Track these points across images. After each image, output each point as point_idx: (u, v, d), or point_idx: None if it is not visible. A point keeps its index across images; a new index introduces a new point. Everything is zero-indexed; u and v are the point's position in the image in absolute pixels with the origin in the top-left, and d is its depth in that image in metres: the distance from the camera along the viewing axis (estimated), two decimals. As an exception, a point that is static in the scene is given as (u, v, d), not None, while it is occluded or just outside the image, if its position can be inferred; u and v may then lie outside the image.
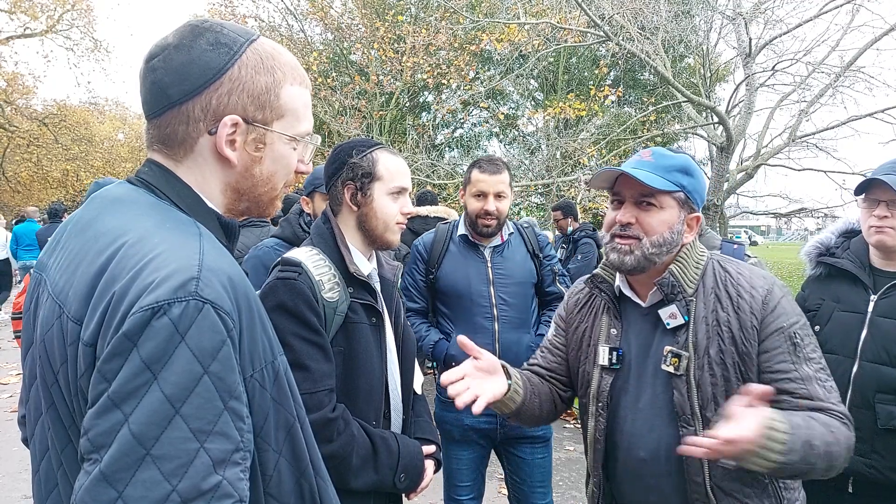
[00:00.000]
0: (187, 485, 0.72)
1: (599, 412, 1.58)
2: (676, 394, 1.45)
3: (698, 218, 1.53)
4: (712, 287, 1.49)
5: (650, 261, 1.48)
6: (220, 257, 0.85)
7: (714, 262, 1.54)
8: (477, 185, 2.50)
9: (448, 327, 2.55)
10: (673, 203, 1.48)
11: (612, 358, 1.56)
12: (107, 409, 0.73)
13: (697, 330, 1.45)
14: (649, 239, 1.47)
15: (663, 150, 1.55)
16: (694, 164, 1.53)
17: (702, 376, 1.43)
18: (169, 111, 0.92)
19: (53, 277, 0.90)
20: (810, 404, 1.36)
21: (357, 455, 1.54)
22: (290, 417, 0.93)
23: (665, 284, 1.48)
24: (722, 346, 1.43)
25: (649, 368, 1.52)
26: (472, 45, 12.61)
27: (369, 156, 1.70)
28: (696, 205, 1.52)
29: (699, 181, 1.53)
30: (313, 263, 1.61)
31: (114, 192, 0.94)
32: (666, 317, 1.50)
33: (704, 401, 1.43)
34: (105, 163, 23.69)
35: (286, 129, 0.98)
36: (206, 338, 0.76)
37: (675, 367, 1.45)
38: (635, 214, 1.49)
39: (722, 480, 1.42)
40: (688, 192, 1.49)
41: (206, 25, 0.94)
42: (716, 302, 1.47)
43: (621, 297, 1.61)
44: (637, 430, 1.52)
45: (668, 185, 1.46)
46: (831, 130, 9.57)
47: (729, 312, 1.44)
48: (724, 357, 1.42)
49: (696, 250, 1.55)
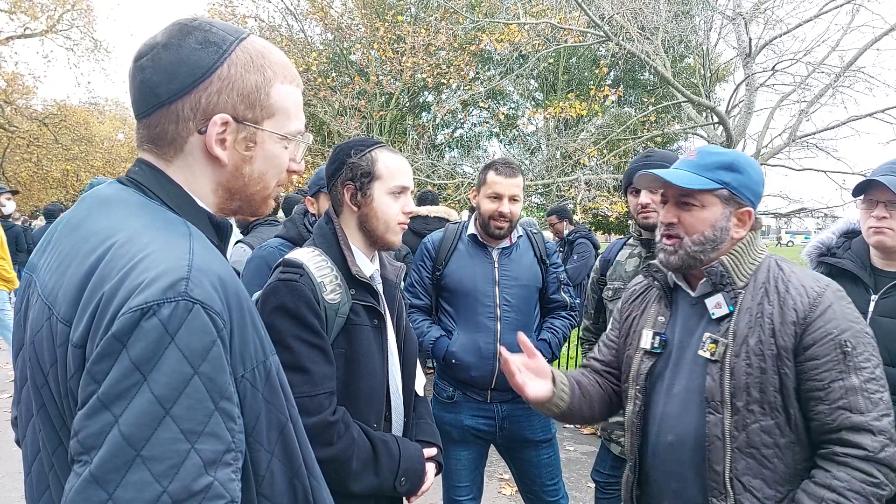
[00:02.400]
0: (178, 486, 0.72)
1: (637, 395, 1.62)
2: (709, 379, 1.46)
3: (750, 212, 1.53)
4: (763, 282, 1.49)
5: (694, 258, 1.51)
6: (209, 257, 0.84)
7: (771, 261, 1.54)
8: (492, 187, 2.50)
9: (451, 325, 2.55)
10: (715, 201, 1.50)
11: (655, 342, 1.60)
12: (96, 410, 0.72)
13: (740, 319, 1.46)
14: (690, 238, 1.51)
15: (711, 148, 1.57)
16: (743, 159, 1.53)
17: (737, 364, 1.43)
18: (158, 110, 0.91)
19: (43, 278, 0.90)
20: (844, 418, 1.35)
21: (357, 459, 1.52)
22: (283, 417, 0.92)
23: (714, 273, 1.50)
24: (762, 336, 1.43)
25: (688, 355, 1.54)
26: (471, 45, 12.62)
27: (368, 155, 1.68)
28: (746, 199, 1.52)
29: (748, 176, 1.52)
30: (315, 265, 1.59)
31: (104, 192, 0.93)
32: (712, 306, 1.52)
33: (736, 389, 1.42)
34: (105, 163, 23.69)
35: (277, 128, 0.97)
36: (196, 338, 0.75)
37: (712, 352, 1.46)
38: (677, 214, 1.53)
39: (743, 474, 1.41)
40: (732, 188, 1.49)
41: (195, 24, 0.94)
42: (763, 296, 1.47)
43: (675, 287, 1.64)
44: (668, 415, 1.55)
45: (708, 183, 1.48)
46: (831, 130, 9.55)
47: (774, 306, 1.44)
48: (763, 348, 1.42)
49: (755, 247, 1.55)
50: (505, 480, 4.15)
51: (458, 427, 2.54)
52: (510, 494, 3.97)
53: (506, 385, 2.47)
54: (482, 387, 2.50)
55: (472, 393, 2.53)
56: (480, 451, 2.62)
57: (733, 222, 1.52)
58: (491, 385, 2.49)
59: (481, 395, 2.52)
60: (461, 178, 11.29)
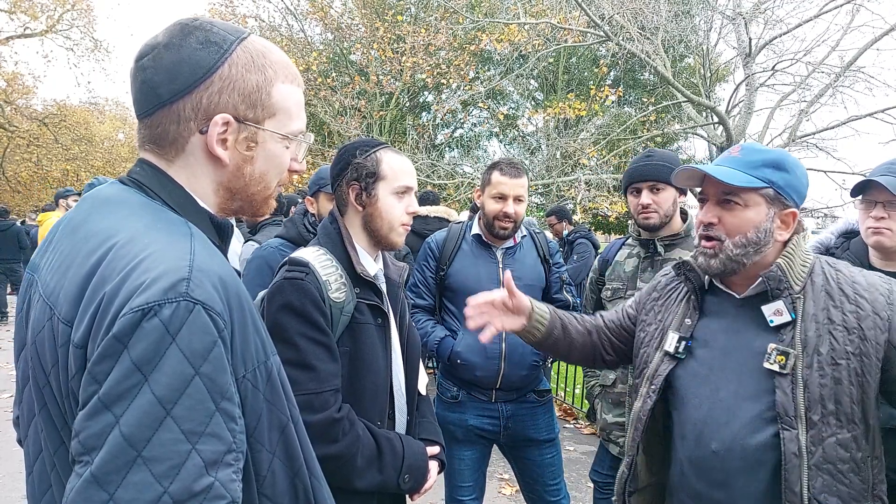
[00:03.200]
0: (179, 486, 0.72)
1: (650, 394, 1.55)
2: (780, 393, 1.36)
3: (794, 214, 1.44)
4: (822, 285, 1.41)
5: (737, 262, 1.43)
6: (211, 258, 0.84)
7: (823, 262, 1.47)
8: (497, 188, 2.49)
9: (454, 325, 2.55)
10: (760, 200, 1.41)
11: (680, 347, 1.53)
12: (97, 410, 0.72)
13: (807, 328, 1.38)
14: (731, 240, 1.42)
15: (755, 145, 1.48)
16: (790, 158, 1.45)
17: (810, 376, 1.35)
18: (159, 110, 0.91)
19: (45, 279, 0.89)
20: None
21: (362, 455, 1.53)
22: (284, 417, 0.92)
23: (772, 278, 1.41)
24: (834, 344, 1.35)
25: (737, 361, 1.45)
26: (471, 45, 12.62)
27: (373, 156, 1.69)
28: (791, 200, 1.44)
29: (794, 175, 1.44)
30: (320, 263, 1.61)
31: (105, 192, 0.93)
32: (770, 313, 1.42)
33: (811, 402, 1.34)
34: (105, 163, 23.68)
35: (278, 128, 0.97)
36: (197, 339, 0.75)
37: (782, 365, 1.37)
38: (718, 214, 1.45)
39: (820, 492, 1.33)
40: (778, 187, 1.41)
41: (196, 24, 0.93)
42: (827, 300, 1.39)
43: (710, 288, 1.56)
44: (712, 422, 1.44)
45: (753, 181, 1.40)
46: (831, 130, 9.56)
47: (845, 311, 1.37)
48: (836, 357, 1.34)
49: (803, 249, 1.47)
50: (505, 480, 4.15)
51: (462, 427, 2.54)
52: (510, 494, 3.97)
53: (510, 385, 2.50)
54: (487, 387, 2.50)
55: (476, 393, 2.53)
56: (484, 451, 2.62)
57: (777, 224, 1.43)
58: (496, 385, 2.49)
59: (486, 395, 2.52)
60: (461, 178, 11.30)
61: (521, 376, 2.49)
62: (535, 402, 2.57)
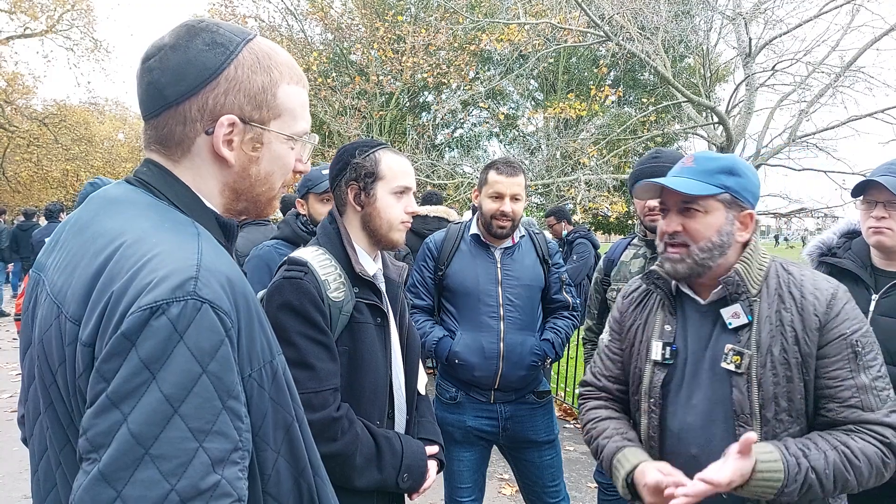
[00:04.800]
0: (186, 484, 0.72)
1: (652, 409, 1.58)
2: (736, 392, 1.45)
3: (752, 215, 1.53)
4: (776, 288, 1.49)
5: (703, 266, 1.50)
6: (218, 257, 0.85)
7: (777, 265, 1.54)
8: (494, 187, 2.50)
9: (453, 325, 2.55)
10: (718, 205, 1.49)
11: (666, 353, 1.57)
12: (105, 408, 0.72)
13: (761, 329, 1.46)
14: (697, 245, 1.49)
15: (706, 154, 1.56)
16: (741, 163, 1.53)
17: (764, 374, 1.43)
18: (166, 111, 0.92)
19: (52, 277, 0.90)
20: (856, 416, 1.38)
21: (361, 454, 1.54)
22: (289, 417, 0.93)
23: (730, 283, 1.49)
24: (785, 345, 1.43)
25: (705, 365, 1.52)
26: (471, 45, 12.63)
27: (372, 156, 1.70)
28: (747, 202, 1.52)
29: (747, 178, 1.52)
30: (319, 263, 1.61)
31: (112, 192, 0.94)
32: (728, 316, 1.50)
33: (765, 400, 1.43)
34: (105, 163, 23.71)
35: (283, 129, 0.98)
36: (205, 337, 0.76)
37: (737, 364, 1.45)
38: (681, 222, 1.51)
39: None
40: (733, 192, 1.49)
41: (203, 25, 0.94)
42: (779, 303, 1.47)
43: (678, 295, 1.62)
44: (690, 426, 1.52)
45: (710, 188, 1.48)
46: (831, 130, 9.54)
47: (793, 313, 1.45)
48: (788, 357, 1.42)
49: (759, 252, 1.55)
50: (505, 480, 4.16)
51: (461, 428, 2.54)
52: (510, 494, 3.97)
53: (509, 385, 2.50)
54: (486, 387, 2.50)
55: (475, 393, 2.53)
56: (483, 451, 2.62)
57: (737, 226, 1.51)
58: (494, 385, 2.49)
59: (485, 396, 2.52)
60: (461, 178, 11.30)
61: (519, 376, 2.49)
62: (534, 403, 2.57)
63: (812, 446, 1.37)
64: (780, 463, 1.34)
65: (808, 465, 1.34)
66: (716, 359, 1.50)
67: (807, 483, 1.34)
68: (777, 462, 1.34)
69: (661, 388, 1.57)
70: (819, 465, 1.34)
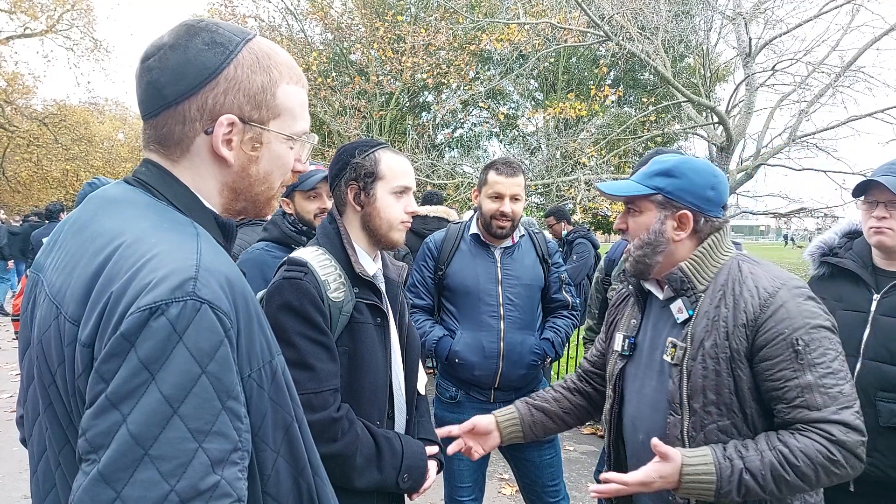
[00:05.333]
0: (186, 484, 0.72)
1: (611, 394, 1.70)
2: (671, 382, 1.51)
3: (687, 215, 1.54)
4: (722, 285, 1.51)
5: (640, 262, 1.58)
6: (217, 258, 0.85)
7: (735, 262, 1.54)
8: (494, 187, 2.50)
9: (453, 325, 2.55)
10: (650, 206, 1.56)
11: (625, 345, 1.68)
12: (105, 409, 0.72)
13: (698, 323, 1.50)
14: (633, 243, 1.60)
15: (660, 158, 1.61)
16: (685, 165, 1.55)
17: (693, 367, 1.47)
18: (165, 111, 0.92)
19: (50, 278, 0.90)
20: (803, 415, 1.36)
21: (361, 455, 1.54)
22: (288, 417, 0.93)
23: (673, 280, 1.55)
24: (717, 340, 1.46)
25: (656, 358, 1.59)
26: (471, 45, 12.61)
27: (372, 155, 1.70)
28: (685, 203, 1.53)
29: (688, 179, 1.54)
30: (319, 263, 1.61)
31: (111, 192, 0.94)
32: (675, 311, 1.56)
33: (693, 391, 1.47)
34: (105, 163, 23.70)
35: (283, 129, 0.98)
36: (204, 338, 0.76)
37: (672, 356, 1.51)
38: (625, 220, 1.63)
39: None
40: (666, 193, 1.54)
41: (202, 25, 0.94)
42: (721, 298, 1.49)
43: (649, 293, 1.68)
44: (640, 414, 1.61)
45: (641, 188, 1.56)
46: (831, 130, 9.54)
47: (729, 308, 1.47)
48: (718, 351, 1.45)
49: (720, 250, 1.56)
50: (505, 480, 4.16)
51: None
52: (510, 494, 3.97)
53: (509, 385, 2.50)
54: (486, 386, 2.51)
55: (475, 393, 2.53)
56: None
57: (671, 225, 1.54)
58: (494, 384, 2.49)
59: (484, 395, 2.52)
60: (461, 178, 11.29)
61: (519, 375, 2.49)
62: None
63: (751, 447, 1.38)
64: (711, 466, 1.36)
65: (743, 467, 1.35)
66: (663, 351, 1.56)
67: (743, 485, 1.34)
68: (708, 465, 1.36)
69: (620, 378, 1.68)
70: (754, 466, 1.35)
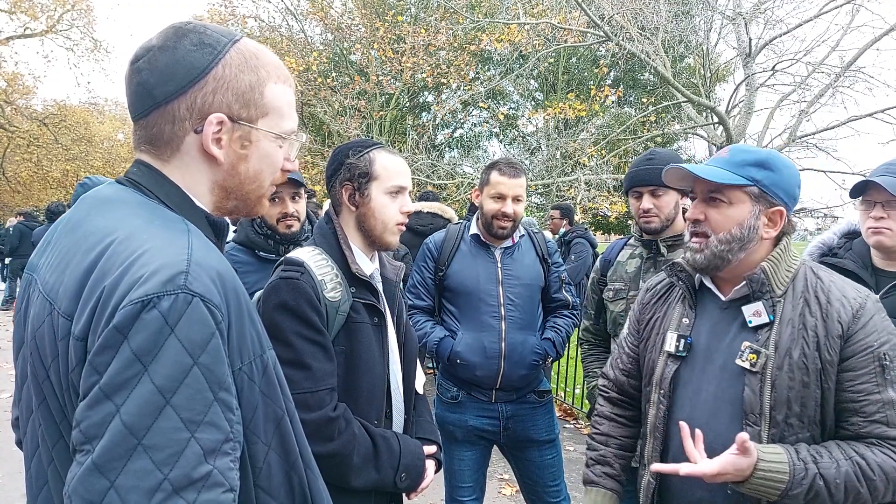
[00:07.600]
0: (178, 473, 0.73)
1: (661, 400, 1.58)
2: (748, 391, 1.42)
3: (781, 212, 1.47)
4: (802, 291, 1.45)
5: (721, 258, 1.46)
6: (208, 253, 0.86)
7: (807, 268, 1.50)
8: (496, 188, 2.50)
9: (454, 325, 2.55)
10: (744, 198, 1.45)
11: (680, 345, 1.56)
12: (98, 400, 0.73)
13: (782, 331, 1.42)
14: (716, 236, 1.46)
15: (743, 146, 1.52)
16: (777, 158, 1.48)
17: (779, 377, 1.40)
18: (155, 111, 0.93)
19: (44, 276, 0.91)
20: (880, 431, 1.35)
21: (358, 454, 1.54)
22: (280, 411, 0.94)
23: (755, 280, 1.46)
24: (806, 350, 1.39)
25: (718, 362, 1.50)
26: (471, 45, 12.62)
27: (366, 156, 1.69)
28: (778, 199, 1.47)
29: (781, 175, 1.47)
30: (315, 263, 1.61)
31: (103, 192, 0.95)
32: (750, 314, 1.47)
33: (777, 402, 1.40)
34: (105, 163, 23.70)
35: (271, 127, 0.99)
36: (196, 330, 0.77)
37: (752, 363, 1.42)
38: (704, 210, 1.49)
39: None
40: (763, 185, 1.45)
41: (190, 27, 0.95)
42: (804, 306, 1.43)
43: (700, 289, 1.60)
44: (695, 421, 1.49)
45: (736, 178, 1.44)
46: (831, 130, 9.55)
47: (817, 318, 1.41)
48: (807, 362, 1.39)
49: (791, 254, 1.51)
50: (505, 480, 4.16)
51: (462, 427, 2.54)
52: (510, 494, 3.98)
53: (511, 385, 2.50)
54: (487, 386, 2.50)
55: (476, 393, 2.53)
56: (484, 451, 2.62)
57: (763, 222, 1.46)
58: (495, 385, 2.49)
59: (486, 396, 2.52)
60: (461, 178, 11.31)
61: (520, 376, 2.49)
62: (535, 402, 2.57)
63: (825, 454, 1.35)
64: (785, 465, 1.32)
65: (817, 472, 1.32)
66: (730, 356, 1.47)
67: (813, 489, 1.32)
68: (783, 464, 1.32)
69: (672, 381, 1.56)
70: (829, 473, 1.32)
